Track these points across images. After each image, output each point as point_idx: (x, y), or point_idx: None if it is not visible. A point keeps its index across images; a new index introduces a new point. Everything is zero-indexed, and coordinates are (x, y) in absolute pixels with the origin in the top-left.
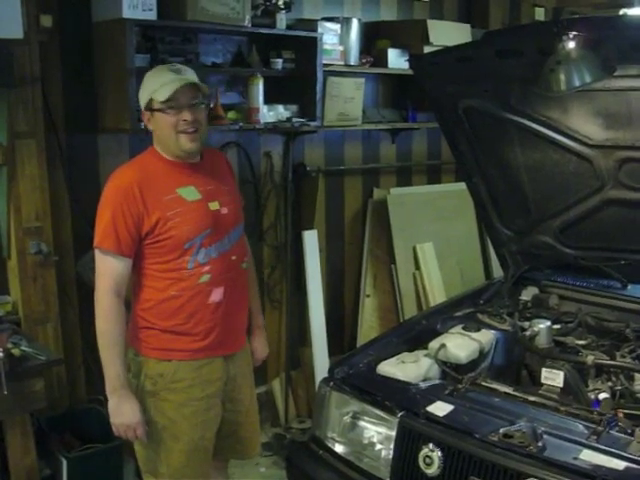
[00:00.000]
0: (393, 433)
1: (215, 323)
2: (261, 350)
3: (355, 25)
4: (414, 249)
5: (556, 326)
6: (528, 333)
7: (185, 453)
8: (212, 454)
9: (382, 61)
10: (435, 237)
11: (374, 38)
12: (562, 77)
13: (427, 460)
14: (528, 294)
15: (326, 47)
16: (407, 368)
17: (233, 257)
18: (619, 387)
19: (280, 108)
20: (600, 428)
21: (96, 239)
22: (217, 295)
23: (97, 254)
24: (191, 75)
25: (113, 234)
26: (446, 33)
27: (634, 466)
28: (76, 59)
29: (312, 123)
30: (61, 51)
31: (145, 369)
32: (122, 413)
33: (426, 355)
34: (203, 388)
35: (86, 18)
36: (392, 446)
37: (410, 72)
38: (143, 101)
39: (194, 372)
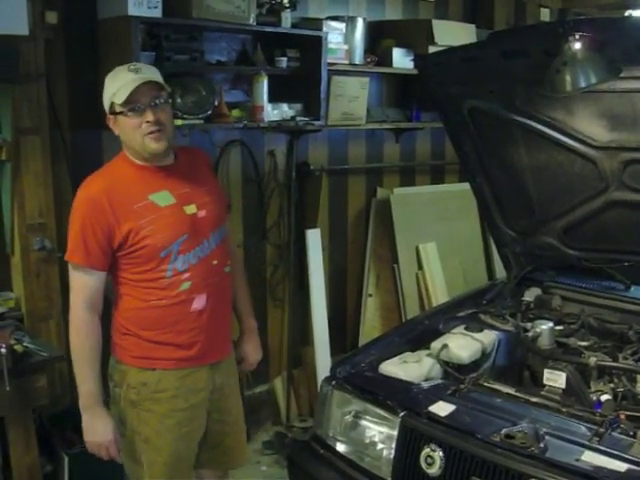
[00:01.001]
0: (395, 433)
1: (199, 332)
2: (253, 354)
3: (360, 24)
4: (417, 249)
5: (559, 327)
6: (530, 334)
7: (168, 465)
8: (199, 464)
9: (387, 60)
10: (438, 237)
11: (379, 37)
12: (568, 78)
13: (429, 460)
14: (531, 295)
15: (331, 46)
16: (409, 368)
17: (214, 262)
18: (621, 389)
19: (284, 107)
20: (602, 430)
21: (67, 252)
22: (200, 303)
23: (69, 267)
24: (151, 73)
25: (82, 247)
26: (451, 33)
27: (636, 468)
28: (81, 56)
29: (316, 122)
30: (66, 48)
31: (128, 378)
32: (95, 431)
33: (428, 355)
34: (187, 398)
35: (91, 15)
36: (394, 446)
37: (415, 72)
38: (106, 105)
39: (178, 382)
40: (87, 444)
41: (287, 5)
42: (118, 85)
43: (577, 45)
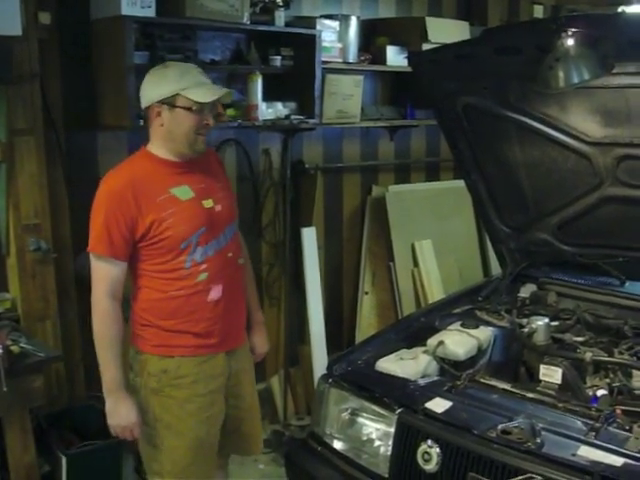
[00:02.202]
0: (392, 429)
1: (215, 321)
2: (261, 346)
3: (354, 22)
4: (412, 246)
5: (554, 323)
6: (526, 330)
7: (191, 450)
8: (217, 449)
9: (381, 58)
10: (433, 234)
11: (373, 35)
12: (561, 74)
13: (426, 456)
14: (526, 291)
15: (325, 44)
16: (405, 365)
17: (229, 254)
18: (617, 384)
19: (279, 105)
20: (598, 424)
21: (90, 244)
22: (216, 293)
23: (92, 258)
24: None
25: (106, 238)
26: (445, 30)
27: (632, 462)
28: (75, 56)
29: (311, 120)
30: (60, 48)
31: (148, 367)
32: (119, 414)
33: (424, 352)
34: (206, 384)
35: (85, 15)
36: (391, 442)
37: (409, 69)
38: (162, 94)
39: (197, 367)
40: (111, 427)
41: (281, 4)
42: (191, 83)
43: (570, 41)
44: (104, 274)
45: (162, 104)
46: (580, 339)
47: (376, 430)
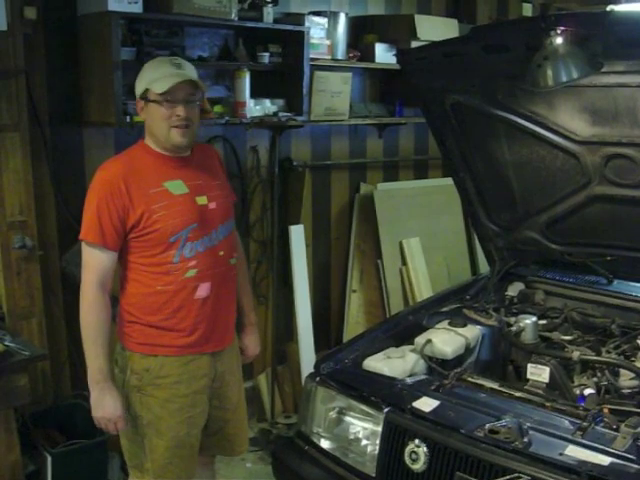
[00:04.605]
0: (379, 429)
1: (201, 319)
2: (253, 348)
3: (342, 19)
4: (401, 244)
5: (542, 322)
6: (514, 328)
7: (170, 449)
8: (198, 451)
9: (369, 56)
10: (422, 232)
11: (361, 32)
12: (549, 73)
13: (413, 456)
14: (514, 289)
15: (313, 41)
16: (393, 363)
17: (221, 252)
18: (604, 383)
19: (267, 102)
20: (585, 424)
21: (82, 232)
22: (203, 290)
23: (83, 246)
24: (191, 71)
25: (98, 227)
26: (434, 28)
27: (619, 461)
28: (61, 52)
29: (299, 117)
30: (46, 43)
31: (131, 364)
32: (103, 406)
33: (412, 350)
34: (189, 384)
35: (71, 10)
36: (378, 442)
37: (397, 67)
38: (139, 89)
39: (180, 368)
40: (95, 420)
41: (269, 0)
42: (158, 75)
43: (558, 40)
44: (94, 263)
45: (140, 99)
46: (568, 338)
47: (363, 429)
